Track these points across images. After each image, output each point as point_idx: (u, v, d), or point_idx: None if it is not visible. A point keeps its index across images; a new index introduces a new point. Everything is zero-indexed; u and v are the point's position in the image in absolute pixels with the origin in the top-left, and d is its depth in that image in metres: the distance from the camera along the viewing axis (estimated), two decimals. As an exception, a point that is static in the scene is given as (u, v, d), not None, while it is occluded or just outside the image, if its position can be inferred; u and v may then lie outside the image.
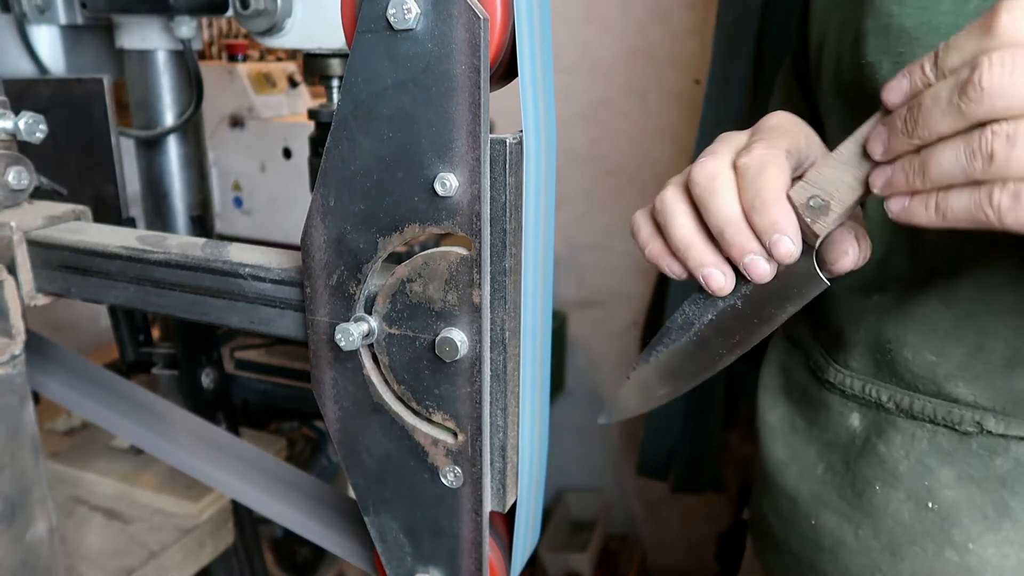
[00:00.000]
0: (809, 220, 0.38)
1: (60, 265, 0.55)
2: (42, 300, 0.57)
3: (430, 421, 0.46)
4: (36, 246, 0.55)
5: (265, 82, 1.48)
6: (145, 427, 0.67)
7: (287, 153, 1.42)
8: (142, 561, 0.88)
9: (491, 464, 0.46)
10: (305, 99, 1.56)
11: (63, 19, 0.94)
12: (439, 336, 0.42)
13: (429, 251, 0.42)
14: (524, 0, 0.40)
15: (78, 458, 1.05)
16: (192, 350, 1.02)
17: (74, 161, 0.81)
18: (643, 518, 2.14)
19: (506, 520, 0.52)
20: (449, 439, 0.45)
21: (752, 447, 0.62)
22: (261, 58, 1.61)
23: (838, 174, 0.37)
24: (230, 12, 0.84)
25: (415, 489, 0.47)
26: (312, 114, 0.93)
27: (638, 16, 1.76)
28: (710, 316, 0.43)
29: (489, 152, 0.40)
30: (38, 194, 0.60)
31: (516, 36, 0.39)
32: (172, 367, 1.03)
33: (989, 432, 0.43)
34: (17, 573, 0.52)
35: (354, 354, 0.46)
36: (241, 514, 1.05)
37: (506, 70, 0.42)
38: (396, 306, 0.43)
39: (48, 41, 0.97)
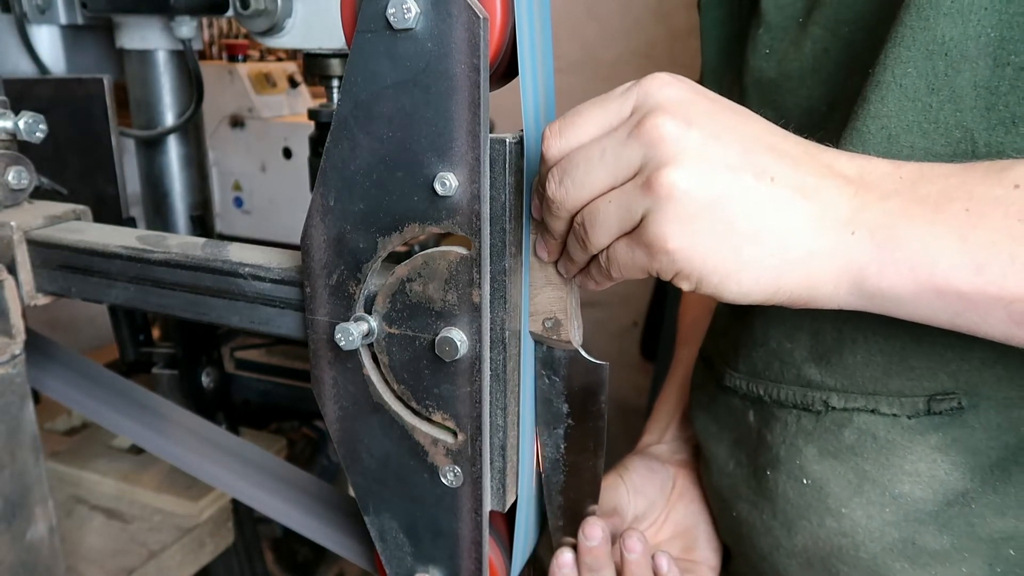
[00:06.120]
0: (555, 337, 0.46)
1: (60, 265, 0.55)
2: (42, 300, 0.57)
3: (430, 421, 0.46)
4: (36, 246, 0.55)
5: (265, 82, 1.48)
6: (146, 426, 0.67)
7: (287, 153, 1.42)
8: (142, 561, 0.88)
9: (491, 464, 0.46)
10: (305, 99, 1.56)
11: (63, 19, 0.94)
12: (439, 336, 0.42)
13: (429, 251, 0.42)
14: (524, 0, 0.40)
15: (78, 458, 1.05)
16: (192, 350, 1.02)
17: (74, 161, 0.81)
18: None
19: (506, 520, 0.52)
20: (449, 439, 0.45)
21: None
22: (261, 58, 1.61)
23: (542, 292, 0.45)
24: (230, 12, 0.84)
25: (415, 489, 0.47)
26: (312, 114, 0.93)
27: (638, 16, 1.76)
28: (562, 445, 0.50)
29: (489, 152, 0.40)
30: (38, 194, 0.60)
31: (516, 36, 0.39)
32: (172, 367, 1.03)
33: (834, 408, 0.48)
34: (17, 573, 0.52)
35: (354, 354, 0.46)
36: (241, 514, 1.05)
37: (506, 70, 0.42)
38: (396, 306, 0.43)
39: (48, 41, 0.97)
